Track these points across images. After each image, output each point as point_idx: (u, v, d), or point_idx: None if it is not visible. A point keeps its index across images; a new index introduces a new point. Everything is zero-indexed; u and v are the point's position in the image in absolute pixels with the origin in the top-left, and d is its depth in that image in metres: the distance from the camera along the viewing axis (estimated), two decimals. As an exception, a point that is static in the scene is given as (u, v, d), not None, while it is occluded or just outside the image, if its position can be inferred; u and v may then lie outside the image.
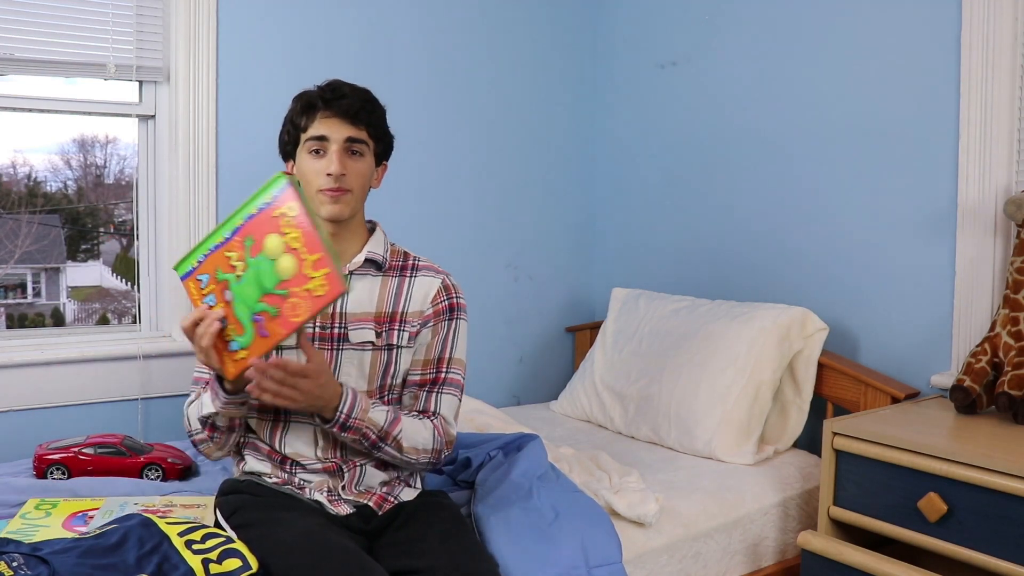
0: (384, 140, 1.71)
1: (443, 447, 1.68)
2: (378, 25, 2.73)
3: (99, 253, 2.77)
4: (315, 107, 1.63)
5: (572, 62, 3.15)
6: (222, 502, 1.65)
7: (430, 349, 1.71)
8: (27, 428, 2.26)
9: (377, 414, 1.60)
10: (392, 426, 1.61)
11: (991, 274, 2.16)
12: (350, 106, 1.62)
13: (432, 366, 1.71)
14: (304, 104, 1.65)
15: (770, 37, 2.63)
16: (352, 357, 1.66)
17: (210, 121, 2.45)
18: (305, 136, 1.64)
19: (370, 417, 1.59)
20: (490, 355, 3.03)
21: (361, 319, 1.67)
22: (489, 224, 3.00)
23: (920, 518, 1.80)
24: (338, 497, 1.65)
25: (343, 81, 1.68)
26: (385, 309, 1.68)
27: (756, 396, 2.34)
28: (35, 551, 1.38)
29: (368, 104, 1.66)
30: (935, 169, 2.26)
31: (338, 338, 1.66)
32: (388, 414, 1.62)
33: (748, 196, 2.71)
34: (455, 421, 1.72)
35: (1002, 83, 2.11)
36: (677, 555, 1.92)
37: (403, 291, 1.70)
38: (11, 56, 2.22)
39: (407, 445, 1.63)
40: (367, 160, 1.66)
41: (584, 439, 2.50)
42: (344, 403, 1.56)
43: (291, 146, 1.69)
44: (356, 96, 1.65)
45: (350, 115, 1.62)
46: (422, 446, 1.65)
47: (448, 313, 1.72)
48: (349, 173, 1.62)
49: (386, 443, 1.61)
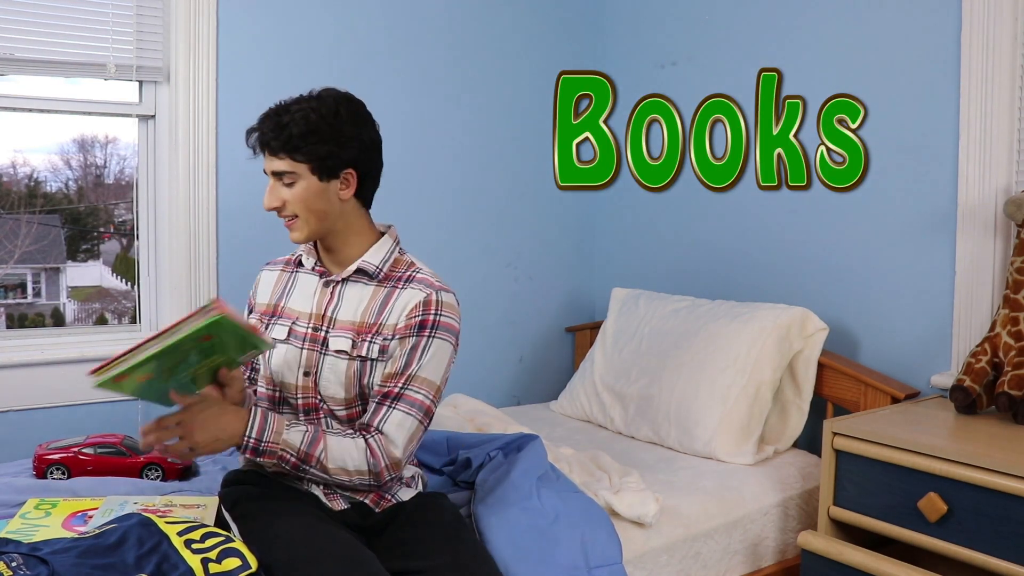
0: (316, 158, 1.60)
1: (384, 469, 1.58)
2: (379, 24, 2.72)
3: (99, 253, 2.77)
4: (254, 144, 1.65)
5: (572, 62, 3.15)
6: (225, 494, 1.67)
7: (394, 362, 1.62)
8: (27, 428, 2.26)
9: (293, 435, 1.54)
10: (312, 447, 1.55)
11: (991, 274, 2.16)
12: (263, 139, 1.62)
13: (391, 379, 1.62)
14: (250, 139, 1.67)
15: (770, 37, 2.63)
16: (331, 363, 1.65)
17: (210, 121, 2.46)
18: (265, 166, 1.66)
19: (285, 439, 1.53)
20: (490, 355, 3.03)
21: (344, 327, 1.66)
22: (489, 224, 3.00)
23: (920, 518, 1.80)
24: (334, 491, 1.66)
25: (274, 106, 1.64)
26: (367, 319, 1.65)
27: (756, 396, 2.34)
28: (35, 551, 1.38)
29: (276, 130, 1.60)
30: (935, 169, 2.26)
31: (322, 342, 1.67)
32: (307, 434, 1.55)
33: (748, 196, 2.71)
34: (405, 443, 1.59)
35: (1002, 83, 2.11)
36: (677, 555, 1.92)
37: (388, 303, 1.65)
38: (11, 56, 2.22)
39: (332, 466, 1.56)
40: (303, 183, 1.61)
41: (584, 439, 2.50)
42: (251, 427, 1.51)
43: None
44: (267, 126, 1.61)
45: (268, 147, 1.62)
46: (353, 467, 1.57)
47: (419, 328, 1.62)
48: (287, 201, 1.63)
49: (309, 465, 1.55)
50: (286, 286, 1.78)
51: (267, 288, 1.81)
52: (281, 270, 1.82)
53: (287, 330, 1.70)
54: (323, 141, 1.59)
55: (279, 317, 1.74)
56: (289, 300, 1.75)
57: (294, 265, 1.80)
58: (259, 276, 1.85)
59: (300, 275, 1.77)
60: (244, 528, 1.54)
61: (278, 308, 1.76)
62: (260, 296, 1.81)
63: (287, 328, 1.71)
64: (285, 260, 1.83)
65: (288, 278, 1.79)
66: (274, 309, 1.76)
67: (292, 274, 1.79)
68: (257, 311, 1.80)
